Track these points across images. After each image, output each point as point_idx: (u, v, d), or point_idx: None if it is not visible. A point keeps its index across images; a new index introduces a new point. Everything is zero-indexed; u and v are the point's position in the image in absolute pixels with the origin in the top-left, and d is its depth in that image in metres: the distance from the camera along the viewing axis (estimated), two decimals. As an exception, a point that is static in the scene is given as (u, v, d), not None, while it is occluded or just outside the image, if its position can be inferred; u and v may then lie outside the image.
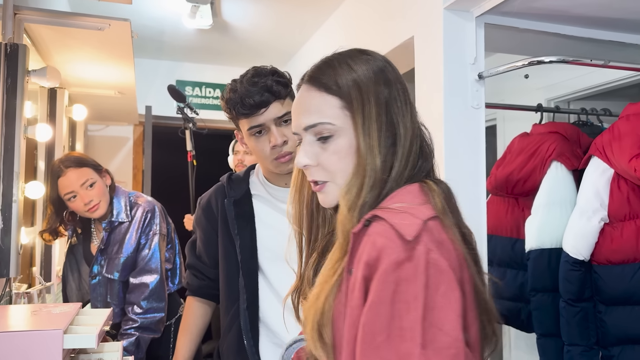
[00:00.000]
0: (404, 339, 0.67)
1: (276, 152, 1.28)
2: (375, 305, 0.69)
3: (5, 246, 1.61)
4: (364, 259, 0.72)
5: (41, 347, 1.17)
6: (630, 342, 1.80)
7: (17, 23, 1.74)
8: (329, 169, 0.83)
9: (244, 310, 1.33)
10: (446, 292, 0.69)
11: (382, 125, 0.81)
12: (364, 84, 0.82)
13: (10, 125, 1.63)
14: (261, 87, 1.24)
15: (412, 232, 0.71)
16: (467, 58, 1.90)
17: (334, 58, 0.85)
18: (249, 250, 1.34)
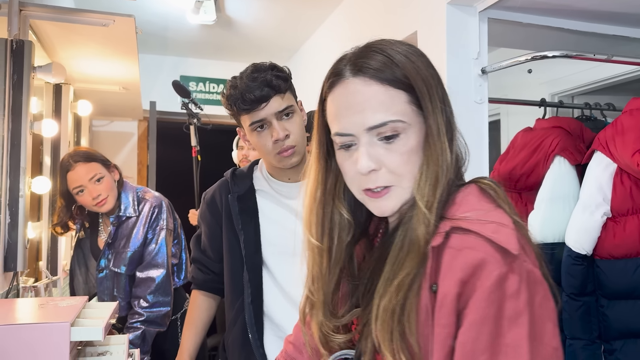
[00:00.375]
0: (508, 356, 0.64)
1: (279, 146, 1.28)
2: (477, 324, 0.65)
3: (13, 240, 1.64)
4: (457, 276, 0.67)
5: (49, 339, 1.18)
6: (632, 336, 1.80)
7: (22, 19, 1.75)
8: (397, 171, 0.75)
9: (248, 304, 1.35)
10: (542, 302, 0.67)
11: (444, 118, 0.76)
12: (425, 75, 0.76)
13: (16, 120, 1.65)
14: (261, 82, 1.25)
15: (516, 245, 0.67)
16: (471, 53, 1.90)
17: (382, 47, 0.77)
18: (253, 245, 1.35)
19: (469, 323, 0.66)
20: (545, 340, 0.67)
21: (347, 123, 0.76)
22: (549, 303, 0.68)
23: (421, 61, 0.77)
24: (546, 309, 0.68)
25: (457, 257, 0.68)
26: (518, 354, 0.64)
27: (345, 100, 0.76)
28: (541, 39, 2.26)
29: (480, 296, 0.65)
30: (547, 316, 0.68)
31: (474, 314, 0.66)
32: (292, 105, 1.30)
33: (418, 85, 0.74)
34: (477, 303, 0.66)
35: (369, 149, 0.75)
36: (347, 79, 0.76)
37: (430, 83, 0.76)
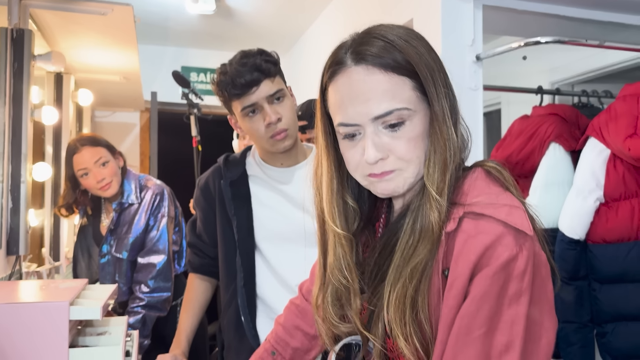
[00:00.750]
0: (504, 333, 0.67)
1: (271, 130, 1.30)
2: (478, 299, 0.67)
3: (15, 225, 1.67)
4: (471, 260, 0.69)
5: (48, 318, 1.22)
6: (624, 319, 1.83)
7: (22, 9, 1.78)
8: (404, 157, 0.75)
9: (241, 287, 1.37)
10: (541, 284, 0.70)
11: (448, 102, 0.76)
12: (427, 60, 0.75)
13: (17, 108, 1.68)
14: (250, 67, 1.26)
15: (529, 226, 0.69)
16: (465, 40, 1.91)
17: (382, 32, 0.75)
18: (246, 230, 1.37)
19: (471, 298, 0.68)
20: (539, 321, 0.69)
21: (352, 113, 0.74)
22: (547, 285, 0.70)
23: (422, 45, 0.76)
24: (545, 290, 0.70)
25: (471, 241, 0.69)
26: (513, 332, 0.67)
27: (348, 89, 0.75)
28: (538, 27, 2.26)
29: (486, 274, 0.67)
30: (545, 298, 0.70)
31: (477, 290, 0.68)
32: (283, 89, 1.32)
33: (421, 70, 0.73)
34: (482, 280, 0.68)
35: (375, 138, 0.74)
36: (349, 68, 0.75)
37: (432, 67, 0.75)
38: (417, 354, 0.73)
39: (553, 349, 0.72)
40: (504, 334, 0.67)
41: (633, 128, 1.74)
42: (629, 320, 1.83)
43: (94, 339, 1.43)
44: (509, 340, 0.67)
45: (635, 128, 1.74)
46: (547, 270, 0.71)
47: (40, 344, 1.21)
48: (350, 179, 0.84)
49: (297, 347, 1.05)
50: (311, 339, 1.05)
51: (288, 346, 1.06)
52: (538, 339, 0.70)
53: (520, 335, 0.67)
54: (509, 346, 0.67)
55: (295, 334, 1.06)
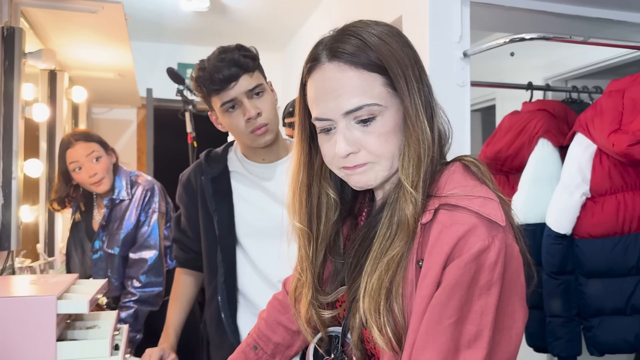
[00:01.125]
0: (473, 323, 0.69)
1: (251, 124, 1.30)
2: (450, 289, 0.69)
3: (6, 221, 1.69)
4: (444, 250, 0.70)
5: (36, 312, 1.24)
6: (610, 313, 1.85)
7: (13, 7, 1.80)
8: (375, 152, 0.77)
9: (221, 283, 1.39)
10: (512, 276, 0.71)
11: (422, 98, 0.77)
12: (400, 56, 0.76)
13: (8, 105, 1.70)
14: (229, 62, 1.27)
15: (502, 217, 0.71)
16: (453, 37, 1.93)
17: (357, 30, 0.77)
18: (227, 226, 1.38)
19: (443, 287, 0.70)
20: (509, 311, 0.71)
21: (325, 108, 0.77)
22: (519, 278, 0.72)
23: (396, 41, 0.77)
24: (515, 283, 0.72)
25: (446, 232, 0.71)
26: (483, 321, 0.69)
27: (322, 85, 0.77)
28: (528, 23, 2.27)
29: (458, 264, 0.69)
30: (515, 291, 0.72)
31: (449, 279, 0.69)
32: (262, 83, 1.32)
33: (392, 67, 0.75)
34: (453, 270, 0.69)
35: (347, 132, 0.77)
36: (323, 65, 0.77)
37: (405, 63, 0.76)
38: (390, 344, 0.75)
39: (521, 339, 0.74)
40: (474, 324, 0.69)
41: (617, 123, 1.75)
42: (615, 314, 1.84)
43: (83, 332, 1.46)
44: (478, 330, 0.69)
45: (620, 123, 1.75)
46: (519, 263, 0.73)
47: (28, 337, 1.24)
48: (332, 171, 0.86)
49: (279, 342, 1.07)
50: (293, 334, 1.07)
51: (270, 341, 1.08)
52: (507, 329, 0.72)
53: (489, 325, 0.69)
54: (478, 335, 0.68)
55: (277, 329, 1.08)
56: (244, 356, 1.09)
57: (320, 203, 0.88)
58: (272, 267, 1.37)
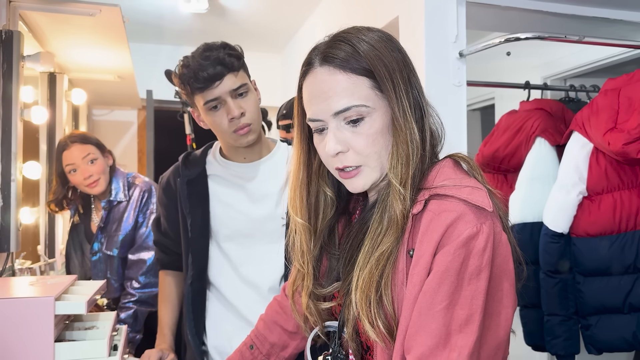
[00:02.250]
0: (463, 307, 0.71)
1: (234, 124, 1.29)
2: (440, 275, 0.71)
3: (6, 223, 1.71)
4: (434, 238, 0.73)
5: (34, 312, 1.25)
6: (607, 311, 1.85)
7: (11, 10, 1.81)
8: (363, 152, 0.80)
9: (187, 286, 1.39)
10: (502, 263, 0.74)
11: (411, 100, 0.81)
12: (388, 60, 0.80)
13: (7, 108, 1.71)
14: (214, 60, 1.25)
15: (489, 204, 0.73)
16: (449, 37, 1.93)
17: (348, 36, 0.82)
18: (199, 229, 1.37)
19: (433, 274, 0.72)
20: (498, 297, 0.74)
21: (317, 109, 0.82)
22: (508, 265, 0.75)
23: (386, 46, 0.81)
24: (505, 270, 0.74)
25: (436, 220, 0.74)
26: (473, 306, 0.71)
27: (314, 88, 0.82)
28: (525, 23, 2.27)
29: (447, 250, 0.72)
30: (504, 277, 0.74)
31: (439, 266, 0.72)
32: (246, 83, 1.31)
33: (378, 71, 0.79)
34: (443, 256, 0.72)
35: (337, 132, 0.81)
36: (315, 69, 0.82)
37: (392, 67, 0.80)
38: (381, 336, 0.77)
39: (511, 325, 0.76)
40: (464, 308, 0.71)
41: (613, 122, 1.76)
42: (612, 313, 1.85)
43: (81, 333, 1.47)
44: (468, 314, 0.71)
45: (616, 122, 1.76)
46: (507, 250, 0.75)
47: (26, 338, 1.25)
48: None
49: (275, 342, 1.09)
50: (289, 335, 1.09)
51: (266, 341, 1.10)
52: (496, 314, 0.74)
53: (479, 309, 0.71)
54: (469, 320, 0.71)
55: (274, 329, 1.10)
56: (240, 355, 1.11)
57: (318, 200, 0.92)
58: (254, 269, 1.37)
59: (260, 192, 1.38)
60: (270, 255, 1.36)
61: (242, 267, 1.38)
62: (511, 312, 0.76)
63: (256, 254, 1.37)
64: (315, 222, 0.92)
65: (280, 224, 1.36)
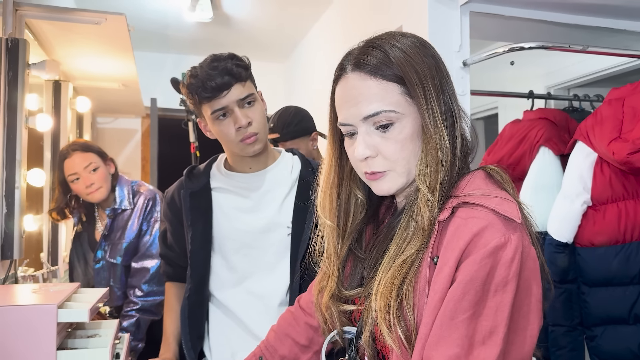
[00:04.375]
0: (488, 319, 0.69)
1: (241, 133, 1.30)
2: (465, 284, 0.70)
3: (9, 230, 1.71)
4: (460, 244, 0.72)
5: (37, 320, 1.25)
6: (612, 322, 1.84)
7: (17, 19, 1.82)
8: (391, 157, 0.81)
9: (184, 299, 1.39)
10: (529, 276, 0.72)
11: (442, 106, 0.80)
12: (420, 67, 0.80)
13: (12, 115, 1.72)
14: (221, 70, 1.26)
15: (518, 215, 0.72)
16: (453, 46, 1.94)
17: (380, 42, 0.83)
18: (199, 242, 1.37)
19: (457, 282, 0.70)
20: (524, 312, 0.72)
21: (347, 114, 0.83)
22: (536, 279, 0.73)
23: (418, 52, 0.81)
24: (531, 284, 0.72)
25: (462, 227, 0.73)
26: (498, 318, 0.69)
27: (345, 93, 0.83)
28: (529, 32, 2.28)
29: (474, 259, 0.70)
30: (531, 292, 0.72)
31: (464, 275, 0.70)
32: (253, 93, 1.33)
33: (409, 77, 0.79)
34: (469, 265, 0.70)
35: (366, 137, 0.82)
36: (347, 74, 0.83)
37: (424, 74, 0.80)
38: (399, 341, 0.76)
39: (535, 342, 0.74)
40: (488, 320, 0.69)
41: (617, 132, 1.75)
42: (618, 324, 1.83)
43: (83, 341, 1.46)
44: (492, 326, 0.69)
45: (620, 132, 1.75)
46: (535, 265, 0.74)
47: (29, 346, 1.24)
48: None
49: (285, 354, 1.07)
50: (300, 349, 1.06)
51: (276, 353, 1.07)
52: (522, 329, 0.72)
53: (504, 322, 0.69)
54: (492, 332, 0.69)
55: (285, 341, 1.07)
56: None
57: (349, 203, 0.93)
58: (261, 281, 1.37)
59: (265, 202, 1.38)
60: (276, 265, 1.36)
61: (248, 279, 1.37)
62: (537, 328, 0.74)
63: (262, 265, 1.37)
64: (344, 225, 0.93)
65: (286, 234, 1.36)
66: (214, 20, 3.33)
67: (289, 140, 2.06)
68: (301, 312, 1.08)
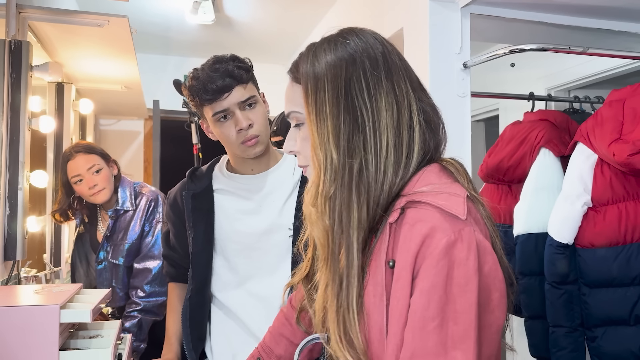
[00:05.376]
0: (457, 322, 0.67)
1: (242, 135, 1.30)
2: (427, 291, 0.68)
3: (12, 231, 1.72)
4: (412, 250, 0.70)
5: (40, 320, 1.26)
6: (613, 323, 1.84)
7: (21, 21, 1.84)
8: (304, 154, 0.83)
9: (186, 300, 1.39)
10: (489, 272, 0.70)
11: (339, 111, 0.77)
12: (322, 70, 0.79)
13: (15, 117, 1.74)
14: (223, 72, 1.27)
15: (463, 211, 0.70)
16: (453, 48, 1.95)
17: (308, 47, 0.85)
18: (201, 244, 1.38)
19: (419, 291, 0.69)
20: (490, 309, 0.70)
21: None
22: (497, 273, 0.71)
23: (331, 57, 0.79)
24: (494, 279, 0.71)
25: (411, 230, 0.71)
26: (467, 320, 0.67)
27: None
28: (529, 34, 2.29)
29: (430, 264, 0.68)
30: (494, 286, 0.71)
31: (424, 282, 0.68)
32: (255, 95, 1.33)
33: (308, 81, 0.80)
34: (426, 271, 0.68)
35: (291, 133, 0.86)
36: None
37: (324, 79, 0.78)
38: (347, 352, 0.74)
39: (501, 336, 0.74)
40: (458, 323, 0.67)
41: (618, 133, 1.75)
42: (618, 325, 1.83)
43: (86, 341, 1.47)
44: (463, 329, 0.67)
45: (620, 133, 1.75)
46: (493, 258, 0.72)
47: (31, 346, 1.25)
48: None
49: (281, 354, 1.08)
50: (295, 347, 1.05)
51: (272, 353, 1.08)
52: (488, 326, 0.71)
53: (474, 322, 0.67)
54: (464, 335, 0.67)
55: (280, 341, 1.09)
56: None
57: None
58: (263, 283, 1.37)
59: (267, 204, 1.38)
60: (278, 267, 1.36)
61: (249, 281, 1.38)
62: (502, 323, 0.73)
63: (263, 267, 1.37)
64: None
65: (287, 235, 1.36)
66: (215, 23, 3.34)
67: None
68: (293, 312, 1.08)
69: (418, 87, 0.82)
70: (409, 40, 2.11)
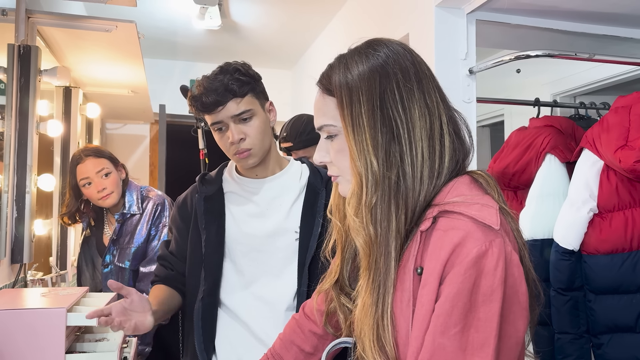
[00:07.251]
0: (478, 330, 0.69)
1: (234, 148, 1.32)
2: (452, 297, 0.69)
3: (19, 234, 1.73)
4: (442, 257, 0.71)
5: (46, 323, 1.27)
6: (619, 330, 1.83)
7: (30, 26, 1.86)
8: (338, 165, 0.84)
9: (198, 301, 1.38)
10: (514, 284, 0.71)
11: (376, 123, 0.78)
12: (355, 83, 0.80)
13: (23, 121, 1.75)
14: (219, 86, 1.28)
15: (497, 221, 0.71)
16: (459, 54, 1.95)
17: (337, 58, 0.85)
18: (213, 245, 1.38)
19: (445, 296, 0.70)
20: (511, 319, 0.71)
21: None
22: (521, 287, 0.72)
23: (362, 68, 0.80)
24: (517, 291, 0.72)
25: (443, 238, 0.73)
26: (487, 329, 0.69)
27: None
28: (535, 40, 2.29)
29: (458, 271, 0.70)
30: (517, 298, 0.72)
31: (450, 288, 0.70)
32: (251, 109, 1.32)
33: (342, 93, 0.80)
34: (454, 278, 0.70)
35: (322, 144, 0.87)
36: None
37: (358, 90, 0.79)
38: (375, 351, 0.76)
39: (522, 349, 0.74)
40: (479, 331, 0.69)
41: (624, 140, 1.75)
42: (624, 332, 1.82)
43: (92, 344, 1.48)
44: (484, 337, 0.69)
45: (627, 140, 1.75)
46: (520, 271, 0.73)
47: (38, 348, 1.26)
48: None
49: None
50: (306, 356, 1.07)
51: None
52: (508, 337, 0.72)
53: (494, 332, 0.69)
54: (484, 343, 0.69)
55: (290, 348, 1.08)
56: None
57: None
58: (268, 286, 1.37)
59: (273, 207, 1.39)
60: (283, 270, 1.37)
61: (255, 283, 1.38)
62: (523, 335, 0.74)
63: (269, 269, 1.38)
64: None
65: (294, 239, 1.37)
66: (222, 28, 3.36)
67: (301, 149, 2.08)
68: (305, 320, 1.08)
69: (444, 96, 0.84)
70: (415, 46, 2.10)
